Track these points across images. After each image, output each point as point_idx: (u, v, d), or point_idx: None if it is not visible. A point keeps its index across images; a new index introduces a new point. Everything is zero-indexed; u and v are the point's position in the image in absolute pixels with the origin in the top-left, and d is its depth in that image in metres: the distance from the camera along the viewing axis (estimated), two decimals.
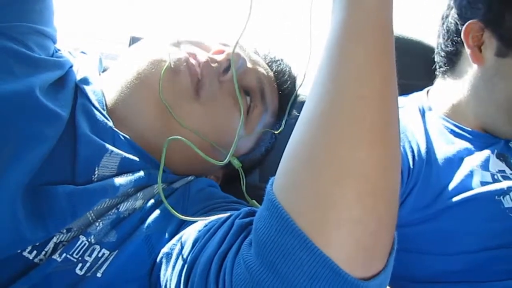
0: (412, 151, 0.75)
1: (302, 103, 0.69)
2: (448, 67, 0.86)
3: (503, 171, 0.77)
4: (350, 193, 0.34)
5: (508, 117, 0.78)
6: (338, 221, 0.33)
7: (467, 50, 0.79)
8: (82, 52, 0.68)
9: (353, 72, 0.37)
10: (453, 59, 0.84)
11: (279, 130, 0.68)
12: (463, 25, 0.79)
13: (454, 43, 0.83)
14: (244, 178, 0.63)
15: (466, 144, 0.79)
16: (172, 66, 0.57)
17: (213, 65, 0.59)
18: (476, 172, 0.75)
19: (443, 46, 0.86)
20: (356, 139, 0.35)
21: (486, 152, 0.78)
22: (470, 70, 0.81)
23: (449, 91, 0.85)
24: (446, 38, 0.85)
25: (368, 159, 0.35)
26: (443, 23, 0.85)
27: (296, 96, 0.74)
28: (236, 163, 0.63)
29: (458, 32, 0.81)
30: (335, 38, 0.39)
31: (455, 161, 0.76)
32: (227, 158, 0.54)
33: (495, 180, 0.74)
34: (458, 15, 0.81)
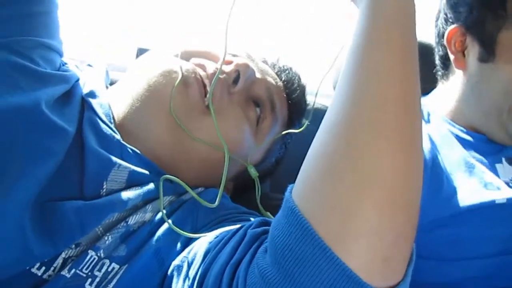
0: None
1: (312, 111, 0.69)
2: (443, 71, 0.85)
3: None
4: (370, 202, 0.33)
5: (500, 124, 0.77)
6: (357, 231, 0.33)
7: (450, 56, 0.79)
8: (89, 65, 0.67)
9: (374, 80, 0.37)
10: (446, 63, 0.84)
11: (300, 129, 0.66)
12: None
13: (443, 47, 0.82)
14: (260, 189, 0.62)
15: (472, 149, 0.78)
16: (180, 76, 0.57)
17: (221, 76, 0.59)
18: (486, 178, 0.73)
19: (436, 50, 0.86)
20: (378, 148, 0.35)
21: (496, 157, 0.77)
22: (459, 76, 0.80)
23: (446, 95, 0.84)
24: (437, 42, 0.84)
25: (389, 168, 0.34)
26: (435, 27, 0.85)
27: (306, 104, 0.74)
28: (253, 173, 0.62)
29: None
30: (357, 47, 0.39)
31: (463, 168, 0.74)
32: (217, 201, 0.53)
33: (511, 187, 0.73)
34: (444, 19, 0.81)
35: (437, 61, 0.86)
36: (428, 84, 0.89)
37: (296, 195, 0.37)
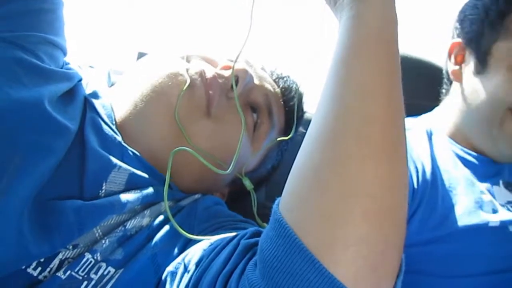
0: (417, 172, 0.74)
1: (308, 120, 0.70)
2: (447, 87, 0.88)
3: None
4: (356, 211, 0.34)
5: (492, 140, 0.78)
6: (345, 240, 0.33)
7: (449, 68, 0.83)
8: (90, 67, 0.68)
9: (358, 91, 0.37)
10: (450, 79, 0.87)
11: (289, 136, 0.67)
12: None
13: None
14: (256, 200, 0.63)
15: (473, 170, 0.79)
16: (188, 80, 0.57)
17: (220, 80, 0.59)
18: (484, 199, 0.74)
19: (444, 65, 0.89)
20: (362, 158, 0.35)
21: (494, 180, 0.78)
22: (457, 89, 0.83)
23: (447, 112, 0.86)
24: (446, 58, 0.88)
25: (374, 177, 0.35)
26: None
27: (303, 112, 0.75)
28: (248, 185, 0.63)
29: None
30: (340, 57, 0.39)
31: (462, 186, 0.76)
32: (230, 167, 0.53)
33: (505, 210, 0.74)
34: (452, 36, 0.85)
35: (445, 78, 0.89)
36: (427, 101, 0.91)
37: (283, 207, 0.38)
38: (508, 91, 0.74)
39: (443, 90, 0.89)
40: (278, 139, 0.68)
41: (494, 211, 0.73)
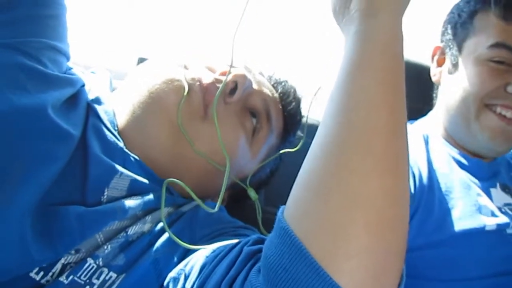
0: (414, 177, 0.75)
1: (308, 125, 0.70)
2: (436, 90, 0.91)
3: (510, 204, 0.77)
4: (359, 223, 0.34)
5: (471, 136, 0.80)
6: (348, 251, 0.34)
7: (431, 71, 0.88)
8: (92, 72, 0.68)
9: (363, 104, 0.38)
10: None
11: (295, 149, 0.68)
12: None
13: None
14: (259, 208, 0.63)
15: (470, 173, 0.80)
16: (186, 86, 0.58)
17: (218, 85, 0.60)
18: (480, 202, 0.75)
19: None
20: (366, 170, 0.36)
21: (491, 182, 0.79)
22: (439, 91, 0.88)
23: (435, 114, 0.89)
24: None
25: (377, 189, 0.35)
26: None
27: (301, 116, 0.75)
28: (253, 196, 0.63)
29: None
30: (346, 70, 0.40)
31: (459, 190, 0.76)
32: (217, 206, 0.54)
33: (503, 213, 0.75)
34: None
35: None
36: (422, 104, 0.93)
37: (288, 215, 0.38)
38: (478, 84, 0.76)
39: (434, 94, 0.91)
40: (283, 151, 0.69)
41: (491, 214, 0.73)
